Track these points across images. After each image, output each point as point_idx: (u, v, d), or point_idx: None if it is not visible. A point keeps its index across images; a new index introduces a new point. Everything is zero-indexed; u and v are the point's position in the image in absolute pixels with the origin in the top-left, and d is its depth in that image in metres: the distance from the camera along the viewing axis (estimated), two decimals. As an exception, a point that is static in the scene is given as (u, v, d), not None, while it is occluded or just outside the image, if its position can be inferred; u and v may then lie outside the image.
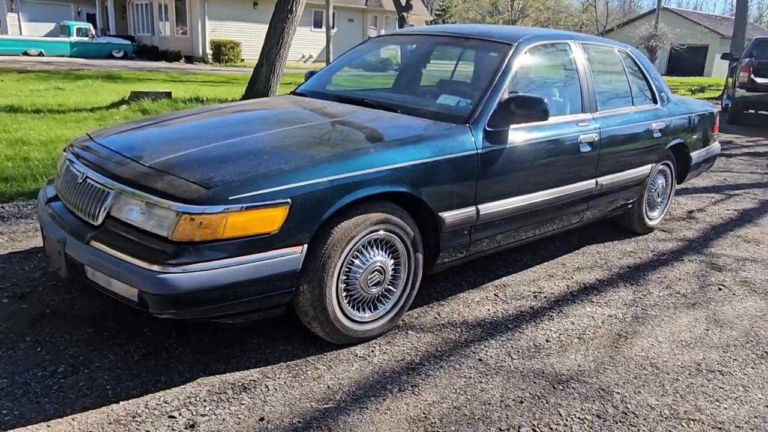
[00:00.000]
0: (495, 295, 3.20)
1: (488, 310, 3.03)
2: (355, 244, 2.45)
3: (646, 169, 4.01)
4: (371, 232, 2.50)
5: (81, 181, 2.46)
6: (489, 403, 2.24)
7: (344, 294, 2.50)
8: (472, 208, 2.84)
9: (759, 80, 11.78)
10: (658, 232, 4.51)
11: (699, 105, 4.73)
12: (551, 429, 2.10)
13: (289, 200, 2.21)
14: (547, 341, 2.74)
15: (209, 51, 23.42)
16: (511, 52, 3.17)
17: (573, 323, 2.93)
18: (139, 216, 2.20)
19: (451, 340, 2.70)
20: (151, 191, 2.18)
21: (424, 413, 2.15)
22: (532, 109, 2.87)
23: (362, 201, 2.42)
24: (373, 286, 2.58)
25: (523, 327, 2.86)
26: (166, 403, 2.13)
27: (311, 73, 4.13)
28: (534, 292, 3.27)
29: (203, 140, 2.62)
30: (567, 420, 2.16)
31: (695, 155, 4.58)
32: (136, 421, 2.03)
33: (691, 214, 5.10)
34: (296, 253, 2.27)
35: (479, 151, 2.81)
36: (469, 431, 2.07)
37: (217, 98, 10.23)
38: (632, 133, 3.79)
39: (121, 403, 2.12)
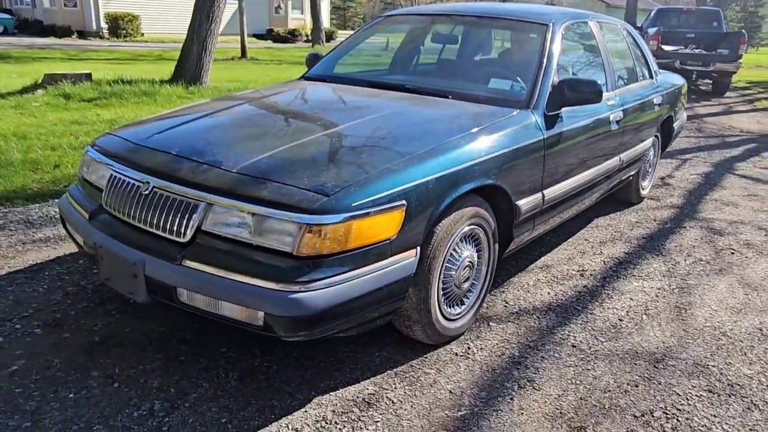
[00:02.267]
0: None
1: (548, 292, 3.05)
2: (452, 241, 2.36)
3: (649, 142, 4.18)
4: (464, 227, 2.41)
5: (147, 192, 2.16)
6: (609, 391, 2.26)
7: (441, 293, 2.41)
8: (539, 194, 2.82)
9: (666, 48, 12.65)
10: (648, 200, 4.74)
11: (675, 78, 4.97)
12: (679, 410, 2.16)
13: (404, 202, 2.07)
14: (620, 320, 2.80)
15: (104, 25, 21.57)
16: (549, 33, 3.15)
17: (632, 299, 3.02)
18: (244, 230, 1.97)
19: (533, 327, 2.69)
20: (259, 201, 1.95)
21: (557, 409, 2.14)
22: (586, 91, 2.87)
23: (459, 196, 2.32)
24: (464, 281, 2.51)
25: (590, 308, 2.91)
26: (295, 430, 1.96)
27: (315, 56, 3.89)
28: (578, 271, 3.34)
29: (277, 138, 2.39)
30: (688, 399, 2.22)
31: (676, 126, 4.84)
32: (277, 455, 1.86)
33: (664, 181, 5.41)
34: (412, 257, 2.14)
35: (544, 136, 2.78)
36: (608, 422, 2.08)
37: (143, 78, 9.44)
38: (643, 109, 3.92)
39: (249, 437, 1.93)
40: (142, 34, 22.11)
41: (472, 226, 2.48)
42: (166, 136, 2.50)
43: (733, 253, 3.71)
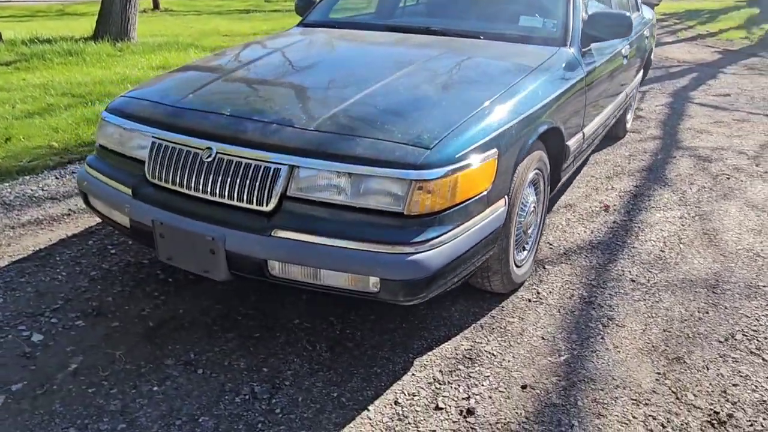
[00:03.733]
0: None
1: (584, 230, 3.09)
2: (524, 187, 2.30)
3: (640, 75, 4.25)
4: (531, 172, 2.35)
5: (209, 158, 1.94)
6: (685, 320, 2.33)
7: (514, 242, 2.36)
8: (581, 133, 2.80)
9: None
10: (630, 134, 4.87)
11: (648, 11, 5.04)
12: (756, 331, 2.26)
13: (496, 149, 1.98)
14: (662, 251, 2.88)
15: (-12, -22, 19.23)
16: (569, -34, 3.05)
17: (662, 230, 3.11)
18: (339, 192, 1.81)
19: (587, 266, 2.72)
20: (354, 160, 1.79)
21: (648, 343, 2.18)
22: (616, 24, 2.82)
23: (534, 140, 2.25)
24: (529, 227, 2.47)
25: (629, 242, 2.97)
26: (413, 395, 1.89)
27: (308, 1, 3.61)
28: (601, 207, 3.39)
29: (336, 90, 2.21)
30: (758, 320, 2.33)
31: (652, 58, 4.95)
32: (406, 422, 1.78)
33: (636, 114, 5.56)
34: (502, 207, 2.07)
35: (584, 73, 2.74)
36: (698, 350, 2.15)
37: (62, 36, 8.58)
38: (638, 42, 3.96)
39: (370, 408, 1.83)
40: (34, -13, 19.97)
41: (536, 171, 2.43)
42: (203, 95, 2.25)
43: (728, 178, 3.89)
